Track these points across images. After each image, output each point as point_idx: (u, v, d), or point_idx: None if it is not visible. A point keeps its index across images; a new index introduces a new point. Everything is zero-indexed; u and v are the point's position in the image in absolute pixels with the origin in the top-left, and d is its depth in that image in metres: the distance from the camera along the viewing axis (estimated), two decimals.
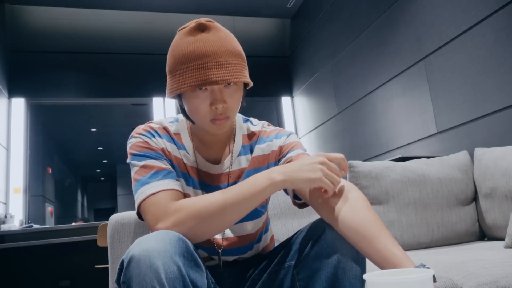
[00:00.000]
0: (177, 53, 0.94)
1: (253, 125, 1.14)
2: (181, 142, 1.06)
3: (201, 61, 0.90)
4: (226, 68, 0.92)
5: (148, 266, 0.74)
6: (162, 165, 0.98)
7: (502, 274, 1.15)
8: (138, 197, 0.94)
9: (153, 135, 1.03)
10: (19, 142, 4.45)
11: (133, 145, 1.01)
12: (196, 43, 0.92)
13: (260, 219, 1.10)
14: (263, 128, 1.14)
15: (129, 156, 1.02)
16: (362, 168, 1.85)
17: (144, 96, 4.93)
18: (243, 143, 1.10)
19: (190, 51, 0.91)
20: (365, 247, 0.83)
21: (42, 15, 4.75)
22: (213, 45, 0.92)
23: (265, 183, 0.90)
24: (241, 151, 1.09)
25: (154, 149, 1.00)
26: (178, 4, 4.84)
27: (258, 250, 1.14)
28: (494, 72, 2.32)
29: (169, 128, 1.07)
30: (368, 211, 0.87)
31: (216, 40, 0.93)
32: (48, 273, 3.93)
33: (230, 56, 0.93)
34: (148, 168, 0.97)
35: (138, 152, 1.00)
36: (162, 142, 1.03)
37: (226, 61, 0.92)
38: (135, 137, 1.02)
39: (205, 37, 0.93)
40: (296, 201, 1.06)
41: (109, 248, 1.44)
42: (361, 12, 3.67)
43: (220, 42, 0.93)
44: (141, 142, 1.01)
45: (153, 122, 1.08)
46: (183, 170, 1.04)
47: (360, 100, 3.75)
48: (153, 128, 1.05)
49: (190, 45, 0.92)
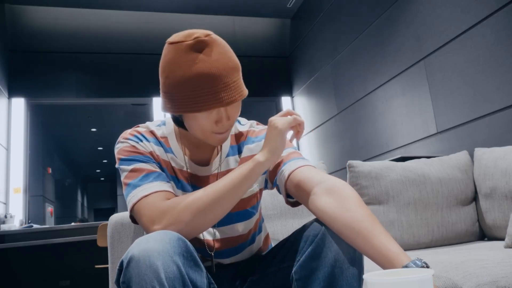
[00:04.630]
0: (180, 74, 0.89)
1: (241, 125, 1.14)
2: (168, 145, 1.05)
3: (208, 85, 0.89)
4: (233, 88, 0.91)
5: (148, 266, 0.74)
6: (151, 168, 0.98)
7: (502, 274, 1.15)
8: (130, 200, 0.94)
9: (140, 139, 1.02)
10: (19, 142, 4.45)
11: (120, 150, 1.01)
12: (199, 65, 0.89)
13: (251, 220, 1.09)
14: (251, 128, 1.13)
15: (117, 161, 1.01)
16: (362, 168, 1.85)
17: (144, 96, 4.93)
18: (231, 144, 1.10)
19: (196, 74, 0.88)
20: (360, 243, 0.83)
21: (42, 15, 4.75)
22: (217, 65, 0.90)
23: (250, 165, 0.94)
24: (230, 151, 1.09)
25: (142, 153, 1.00)
26: (178, 4, 4.84)
27: (253, 251, 1.14)
28: (494, 72, 2.32)
29: (156, 131, 1.06)
30: (360, 208, 0.87)
31: (218, 59, 0.90)
32: (48, 273, 3.93)
33: (233, 74, 0.92)
34: (137, 171, 0.97)
35: (126, 157, 0.99)
36: (149, 146, 1.02)
37: (231, 80, 0.91)
38: (122, 142, 1.02)
39: (208, 58, 0.89)
40: (289, 199, 1.06)
41: (109, 248, 1.44)
42: (361, 12, 3.67)
43: (223, 60, 0.91)
44: (129, 146, 1.00)
45: (140, 126, 1.07)
46: (171, 174, 1.03)
47: (360, 100, 3.75)
48: (139, 132, 1.04)
49: (194, 67, 0.88)
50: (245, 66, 1.15)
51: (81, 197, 12.03)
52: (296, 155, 1.04)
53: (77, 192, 11.61)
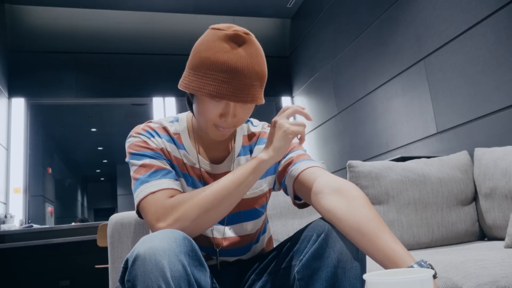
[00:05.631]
0: (207, 56, 0.91)
1: (254, 125, 1.15)
2: (181, 142, 1.05)
3: (227, 76, 0.89)
4: (248, 90, 0.91)
5: (154, 265, 0.74)
6: (161, 165, 0.98)
7: (502, 274, 1.15)
8: (138, 196, 0.94)
9: (152, 135, 1.02)
10: (19, 142, 4.45)
11: (131, 144, 1.01)
12: (228, 55, 0.90)
13: (259, 219, 1.10)
14: (263, 129, 1.14)
15: (127, 155, 1.01)
16: (362, 168, 1.85)
17: (144, 96, 4.93)
18: (243, 144, 1.10)
19: (222, 61, 0.89)
20: (366, 245, 0.83)
21: (42, 15, 4.75)
22: (244, 63, 0.90)
23: (255, 162, 0.95)
24: (241, 151, 1.09)
25: (153, 149, 1.00)
26: (178, 4, 4.84)
27: (256, 251, 1.14)
28: (494, 72, 2.32)
29: (169, 128, 1.06)
30: (368, 209, 0.87)
31: (248, 59, 0.91)
32: (48, 273, 3.93)
33: (255, 79, 0.92)
34: (147, 167, 0.97)
35: (137, 152, 0.99)
36: (161, 142, 1.02)
37: (250, 83, 0.91)
38: (134, 136, 1.02)
39: (239, 53, 0.91)
40: (296, 201, 1.06)
41: (109, 248, 1.44)
42: (361, 12, 3.67)
43: (251, 61, 0.91)
44: (140, 141, 1.00)
45: (153, 121, 1.07)
46: (183, 170, 1.03)
47: (360, 100, 3.75)
48: (152, 128, 1.04)
49: (222, 55, 0.90)
50: None
51: (81, 197, 12.03)
52: (306, 156, 1.06)
53: (77, 192, 11.61)
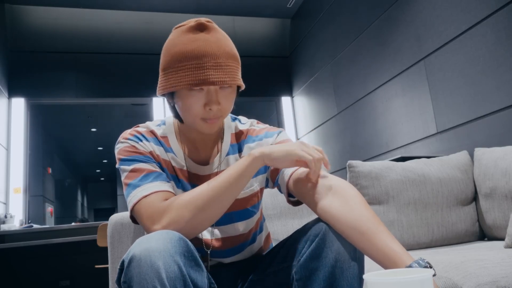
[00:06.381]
0: (175, 51, 0.93)
1: (242, 123, 1.14)
2: (168, 145, 1.05)
3: (200, 61, 0.90)
4: (224, 70, 0.92)
5: (149, 266, 0.74)
6: (151, 168, 0.98)
7: (502, 274, 1.15)
8: (131, 201, 0.94)
9: (140, 139, 1.02)
10: (19, 142, 4.45)
11: (120, 150, 1.01)
12: (196, 42, 0.91)
13: (252, 219, 1.09)
14: (252, 127, 1.13)
15: (117, 161, 1.01)
16: (362, 168, 1.85)
17: (144, 96, 4.93)
18: (231, 142, 1.10)
19: (190, 50, 0.91)
20: (364, 243, 0.83)
21: (42, 15, 4.75)
22: (212, 45, 0.92)
23: (247, 160, 0.93)
24: (230, 150, 1.09)
25: (142, 153, 1.00)
26: (178, 4, 4.84)
27: (253, 251, 1.14)
28: (494, 72, 2.32)
29: (156, 131, 1.06)
30: (365, 208, 0.87)
31: (215, 41, 0.93)
32: (48, 273, 3.93)
33: (228, 58, 0.93)
34: (138, 171, 0.97)
35: (126, 157, 0.99)
36: (149, 146, 1.02)
37: (224, 62, 0.92)
38: (122, 142, 1.02)
39: (204, 37, 0.92)
40: (290, 199, 1.05)
41: (109, 248, 1.44)
42: (361, 12, 3.67)
43: (220, 43, 0.93)
44: (129, 146, 1.00)
45: (140, 126, 1.07)
46: (172, 173, 1.03)
47: (360, 100, 3.75)
48: (139, 132, 1.04)
49: (189, 44, 0.92)
50: (245, 66, 1.15)
51: (81, 197, 12.02)
52: None
53: (77, 192, 11.60)
